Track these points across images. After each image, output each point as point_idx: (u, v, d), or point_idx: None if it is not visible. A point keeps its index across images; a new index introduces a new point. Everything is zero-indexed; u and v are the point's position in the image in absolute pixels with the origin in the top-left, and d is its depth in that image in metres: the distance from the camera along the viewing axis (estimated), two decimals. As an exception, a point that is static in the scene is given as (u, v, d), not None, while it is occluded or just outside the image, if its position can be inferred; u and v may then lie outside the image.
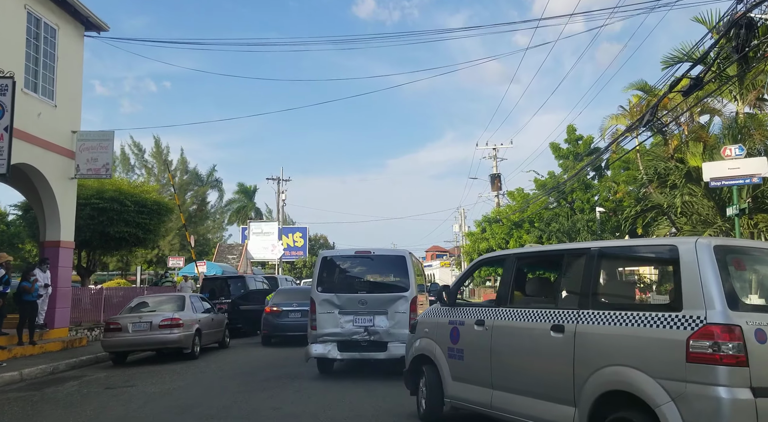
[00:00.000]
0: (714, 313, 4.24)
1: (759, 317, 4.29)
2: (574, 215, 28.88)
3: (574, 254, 5.89)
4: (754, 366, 4.11)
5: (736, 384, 4.08)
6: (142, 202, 21.55)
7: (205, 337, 14.60)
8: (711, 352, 4.15)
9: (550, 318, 5.43)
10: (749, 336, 4.15)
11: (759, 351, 4.15)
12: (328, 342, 10.31)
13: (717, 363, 4.12)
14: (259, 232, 42.35)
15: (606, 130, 19.52)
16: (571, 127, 32.56)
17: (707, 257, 4.47)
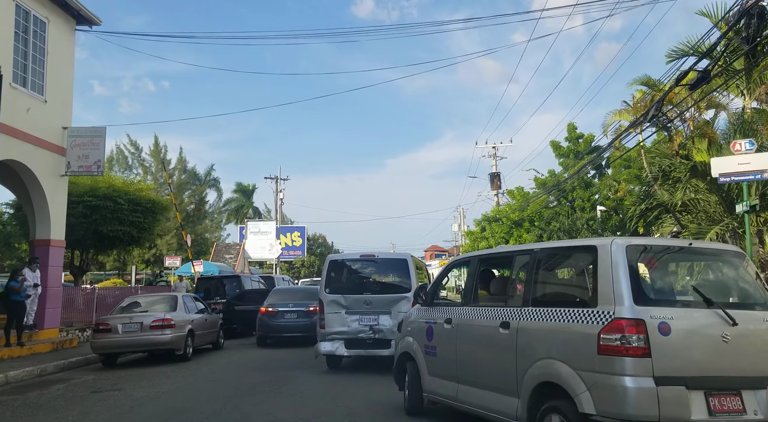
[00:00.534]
0: (622, 309, 4.53)
1: (664, 311, 4.57)
2: (575, 214, 28.48)
3: (521, 255, 6.21)
4: (656, 357, 4.41)
5: (640, 373, 4.38)
6: (136, 200, 21.12)
7: (198, 338, 14.18)
8: (619, 345, 4.45)
9: (500, 316, 5.77)
10: (653, 330, 4.45)
11: (662, 343, 4.45)
12: (335, 340, 10.94)
13: (623, 355, 4.42)
14: (256, 232, 41.92)
15: (609, 126, 19.10)
16: (572, 125, 32.18)
17: (620, 256, 4.74)
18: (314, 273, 48.62)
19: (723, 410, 4.55)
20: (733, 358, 4.70)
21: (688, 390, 4.47)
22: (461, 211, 59.84)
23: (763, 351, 4.85)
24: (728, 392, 4.62)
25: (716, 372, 4.63)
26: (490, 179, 38.98)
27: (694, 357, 4.59)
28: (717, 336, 4.66)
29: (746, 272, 5.34)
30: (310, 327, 15.58)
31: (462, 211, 59.61)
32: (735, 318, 4.71)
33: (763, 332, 4.93)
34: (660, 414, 4.35)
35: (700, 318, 4.74)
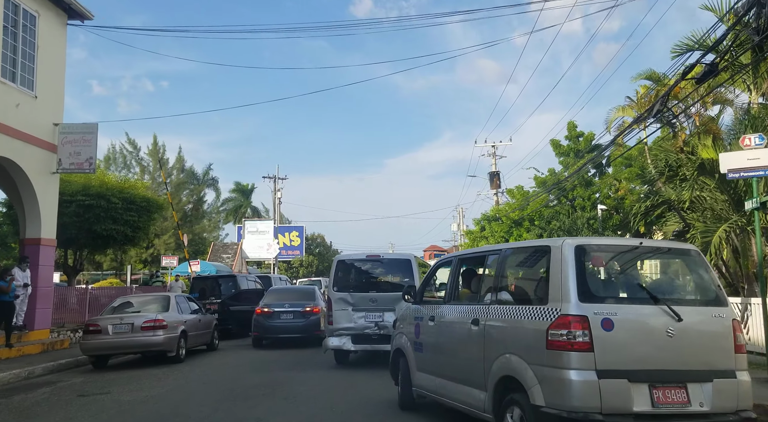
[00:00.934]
0: (568, 305, 4.76)
1: (608, 308, 4.79)
2: (575, 213, 28.09)
3: (492, 254, 6.40)
4: (598, 352, 4.64)
5: (584, 367, 4.61)
6: (130, 198, 20.73)
7: (192, 339, 13.80)
8: (565, 340, 4.68)
9: (472, 313, 6.02)
10: (596, 325, 4.67)
11: (604, 338, 4.67)
12: (343, 336, 11.45)
13: (569, 350, 4.66)
14: (254, 231, 41.52)
15: (612, 123, 18.70)
16: (572, 123, 31.76)
17: (569, 256, 4.97)
18: (312, 273, 48.23)
19: (667, 402, 4.72)
20: (679, 353, 4.85)
21: (631, 383, 4.67)
22: (460, 210, 59.48)
23: (709, 346, 5.01)
24: (673, 385, 4.79)
25: (660, 365, 4.80)
26: (489, 178, 38.62)
27: (637, 352, 4.77)
28: (662, 331, 4.83)
29: (699, 269, 5.48)
30: (307, 328, 15.25)
31: (461, 210, 59.25)
32: (681, 314, 4.88)
33: (710, 327, 5.06)
34: (602, 405, 4.57)
35: (645, 314, 4.93)
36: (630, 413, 4.64)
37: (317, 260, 49.94)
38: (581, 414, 4.58)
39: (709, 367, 4.94)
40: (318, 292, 16.97)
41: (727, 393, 4.91)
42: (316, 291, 16.95)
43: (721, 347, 5.05)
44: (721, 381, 4.91)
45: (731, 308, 5.33)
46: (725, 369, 4.98)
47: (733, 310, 5.36)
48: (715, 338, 5.07)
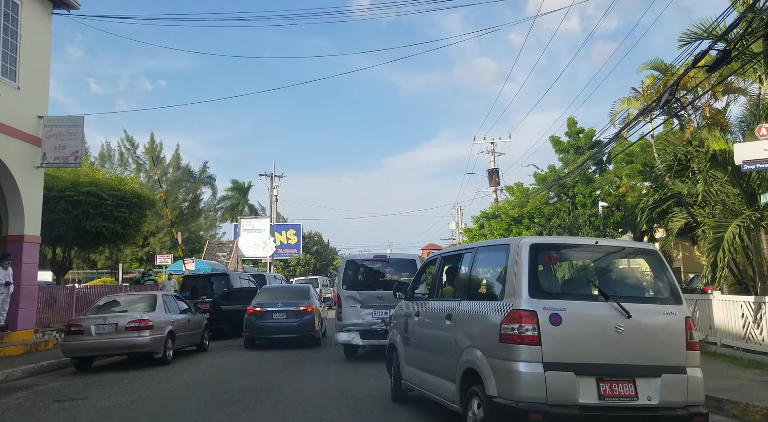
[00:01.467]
0: (519, 301, 4.97)
1: (557, 303, 4.96)
2: (576, 210, 27.49)
3: (467, 253, 6.57)
4: (546, 345, 4.82)
5: (531, 360, 4.80)
6: (121, 194, 20.11)
7: (180, 340, 13.19)
8: (515, 334, 4.88)
9: (447, 309, 6.26)
10: (544, 320, 4.86)
11: (552, 333, 4.85)
12: (351, 331, 12.04)
13: (518, 343, 4.85)
14: (250, 229, 40.85)
15: (617, 115, 18.08)
16: (572, 119, 31.12)
17: (524, 254, 5.16)
18: (309, 272, 47.59)
19: (614, 395, 4.86)
20: (627, 348, 4.99)
21: (578, 376, 4.83)
22: (458, 208, 58.94)
23: (659, 342, 5.13)
24: (621, 379, 4.92)
25: (608, 360, 4.93)
26: (488, 175, 38.03)
27: (584, 346, 4.95)
28: (610, 327, 4.98)
29: (656, 268, 5.57)
30: (301, 328, 14.66)
31: (459, 208, 58.72)
32: (632, 311, 5.03)
33: (661, 324, 5.17)
34: (547, 396, 4.75)
35: (594, 310, 5.11)
36: (575, 404, 4.80)
37: (314, 259, 49.25)
38: (528, 404, 4.77)
39: (659, 363, 5.06)
40: (312, 291, 16.38)
41: (677, 388, 5.02)
42: (311, 289, 16.35)
43: (671, 343, 5.16)
44: (671, 377, 5.02)
45: (686, 306, 5.44)
46: (675, 365, 5.09)
47: (687, 308, 5.48)
48: (665, 335, 5.18)
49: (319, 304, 16.17)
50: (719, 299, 12.10)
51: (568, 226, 26.30)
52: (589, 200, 27.87)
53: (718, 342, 12.10)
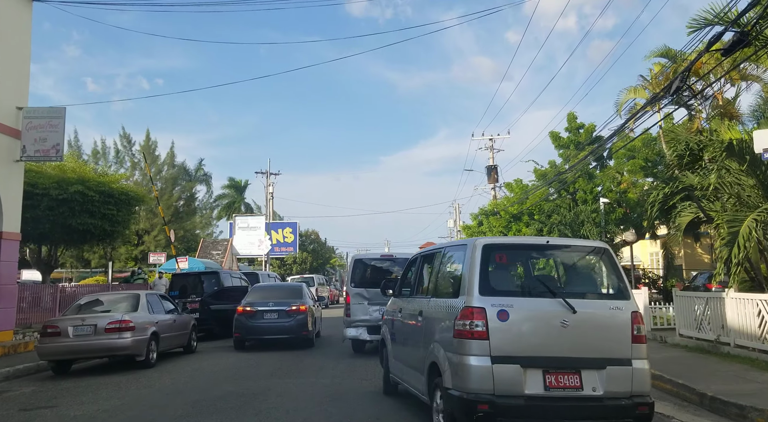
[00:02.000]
0: (470, 298, 5.21)
1: (505, 300, 5.19)
2: (576, 206, 26.80)
3: (438, 252, 6.88)
4: (493, 340, 5.06)
5: (480, 353, 5.03)
6: (108, 191, 19.40)
7: (165, 342, 12.47)
8: (467, 329, 5.11)
9: (420, 306, 6.58)
10: (492, 316, 5.09)
11: (500, 328, 5.09)
12: (359, 327, 12.40)
13: (468, 338, 5.08)
14: (245, 227, 40.10)
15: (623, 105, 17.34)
16: (572, 114, 30.41)
17: (477, 253, 5.38)
18: (306, 270, 46.87)
19: (559, 386, 5.06)
20: (573, 341, 5.18)
21: (524, 368, 5.04)
22: (456, 206, 58.24)
23: (604, 336, 5.32)
24: (567, 371, 5.11)
25: (554, 353, 5.14)
26: (486, 172, 37.35)
27: (531, 340, 5.16)
28: (556, 322, 5.18)
29: (605, 265, 5.77)
30: (293, 329, 13.96)
31: (457, 206, 58.01)
32: (578, 306, 5.24)
33: (607, 319, 5.35)
34: (495, 388, 4.98)
35: (541, 306, 5.29)
36: (521, 395, 5.02)
37: (311, 257, 48.47)
38: (476, 395, 5.01)
39: (604, 355, 5.25)
40: (306, 290, 15.65)
41: (621, 380, 5.20)
42: (304, 288, 15.61)
43: (617, 337, 5.33)
44: (616, 369, 5.21)
45: (633, 301, 5.59)
46: (620, 358, 5.27)
47: (634, 303, 5.61)
48: (610, 329, 5.35)
49: (312, 304, 15.47)
50: (733, 297, 11.43)
51: (569, 223, 25.62)
52: (590, 196, 27.19)
53: (732, 343, 11.43)
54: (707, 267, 32.94)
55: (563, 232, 25.78)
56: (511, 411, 4.98)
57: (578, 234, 25.38)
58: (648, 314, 15.55)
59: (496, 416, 4.97)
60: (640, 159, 26.57)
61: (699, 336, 12.65)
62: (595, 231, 24.92)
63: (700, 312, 12.67)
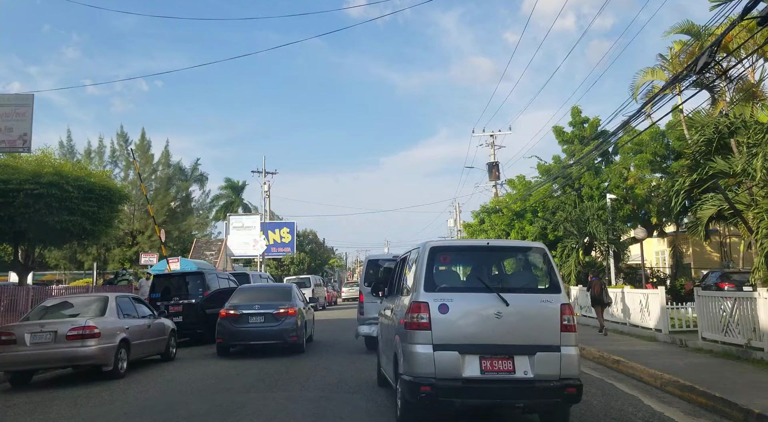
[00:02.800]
0: (417, 295, 6.00)
1: (446, 296, 5.92)
2: (582, 203, 25.55)
3: (408, 255, 7.44)
4: (435, 330, 5.79)
5: (424, 342, 5.77)
6: (88, 186, 18.07)
7: (138, 349, 11.23)
8: (414, 321, 5.86)
9: (393, 304, 7.43)
10: (434, 309, 5.83)
11: (441, 320, 5.82)
12: (372, 325, 12.20)
13: (415, 329, 5.84)
14: (239, 227, 38.81)
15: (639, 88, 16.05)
16: (576, 108, 29.23)
17: (425, 255, 6.18)
18: (304, 271, 45.59)
19: (493, 370, 5.69)
20: (506, 331, 5.78)
21: (462, 355, 5.70)
22: (457, 205, 57.01)
23: (535, 326, 5.86)
24: (501, 356, 5.72)
25: (489, 341, 5.76)
26: (488, 169, 36.11)
27: (468, 330, 5.82)
28: (491, 313, 5.80)
29: (539, 263, 6.32)
30: (280, 334, 12.73)
31: (458, 205, 56.79)
32: (511, 300, 5.84)
33: (537, 311, 5.89)
34: (436, 372, 5.67)
35: (478, 300, 5.93)
36: (459, 378, 5.60)
37: (309, 257, 47.13)
38: (420, 378, 5.63)
39: (534, 342, 5.75)
40: (296, 291, 14.39)
41: (550, 364, 5.69)
42: (294, 289, 14.35)
43: (546, 327, 5.82)
44: (545, 354, 5.71)
45: (563, 295, 6.07)
46: (550, 345, 5.76)
47: (564, 296, 6.07)
48: (541, 319, 5.85)
49: (303, 306, 14.23)
50: (767, 297, 10.20)
51: (575, 220, 24.35)
52: (596, 192, 25.94)
53: (766, 348, 10.19)
54: (717, 265, 31.72)
55: (569, 230, 24.53)
56: (450, 392, 5.61)
57: (584, 231, 24.14)
58: (665, 315, 14.32)
59: (436, 396, 5.60)
60: (648, 153, 25.32)
61: (726, 340, 11.41)
62: (602, 229, 23.67)
63: (727, 313, 11.43)
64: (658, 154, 25.50)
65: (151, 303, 15.92)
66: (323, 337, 16.78)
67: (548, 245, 26.58)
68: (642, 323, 15.48)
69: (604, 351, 12.30)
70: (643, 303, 15.46)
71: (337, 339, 16.33)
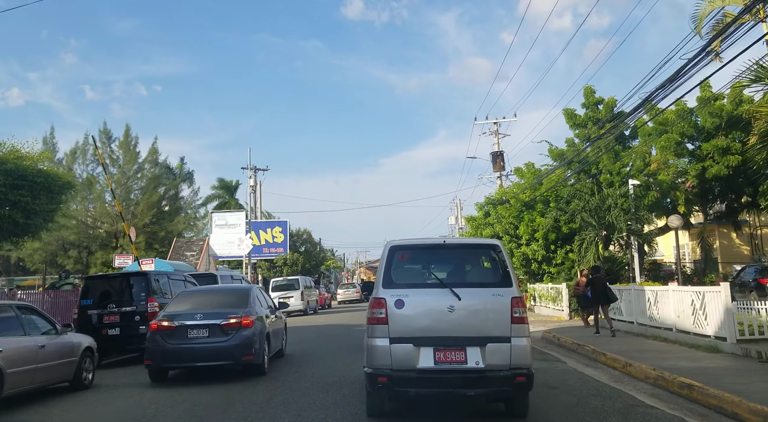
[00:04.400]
0: (377, 291, 6.25)
1: (402, 291, 6.17)
2: (601, 191, 22.17)
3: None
4: (391, 324, 6.05)
5: (382, 336, 6.04)
6: (18, 171, 14.79)
7: (21, 377, 7.89)
8: (373, 316, 6.12)
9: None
10: (390, 305, 6.10)
11: (396, 314, 6.07)
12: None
13: (374, 324, 6.11)
14: (222, 224, 35.37)
15: (703, 19, 12.63)
16: (589, 88, 25.85)
17: (385, 253, 6.49)
18: (298, 273, 42.22)
19: (446, 361, 5.93)
20: (458, 323, 6.03)
21: (417, 347, 5.95)
22: (458, 202, 53.70)
23: (486, 318, 6.10)
24: (453, 348, 5.96)
25: (443, 333, 6.01)
26: (491, 159, 32.72)
27: (422, 323, 6.06)
28: (444, 307, 6.03)
29: (493, 259, 6.62)
30: (230, 352, 9.46)
31: (459, 202, 53.48)
32: (463, 294, 6.07)
33: (488, 304, 6.14)
34: (392, 363, 5.94)
35: (432, 295, 6.20)
36: (414, 369, 5.94)
37: (303, 258, 43.65)
38: (377, 370, 6.00)
39: (485, 334, 6.00)
40: (255, 293, 10.94)
41: (501, 355, 5.94)
42: (253, 292, 10.87)
43: (497, 319, 6.07)
44: (496, 345, 5.97)
45: (515, 289, 6.25)
46: (500, 336, 6.00)
47: (515, 290, 6.24)
48: (492, 312, 6.10)
49: (267, 313, 10.87)
50: None
51: (594, 209, 20.95)
52: (617, 178, 22.56)
53: None
54: (746, 259, 28.37)
55: (587, 220, 21.15)
56: (404, 382, 5.93)
57: (603, 221, 20.80)
58: (730, 319, 10.95)
59: (392, 386, 5.96)
60: (675, 133, 21.91)
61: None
62: (623, 219, 20.31)
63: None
64: (687, 134, 22.10)
65: (82, 311, 12.61)
66: (300, 350, 13.48)
67: (562, 238, 22.82)
68: (696, 329, 12.10)
69: (663, 370, 8.95)
70: (696, 303, 12.10)
71: (315, 353, 13.03)
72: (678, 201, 22.50)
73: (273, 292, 27.67)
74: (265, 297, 11.73)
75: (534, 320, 22.07)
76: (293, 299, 27.12)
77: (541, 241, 24.30)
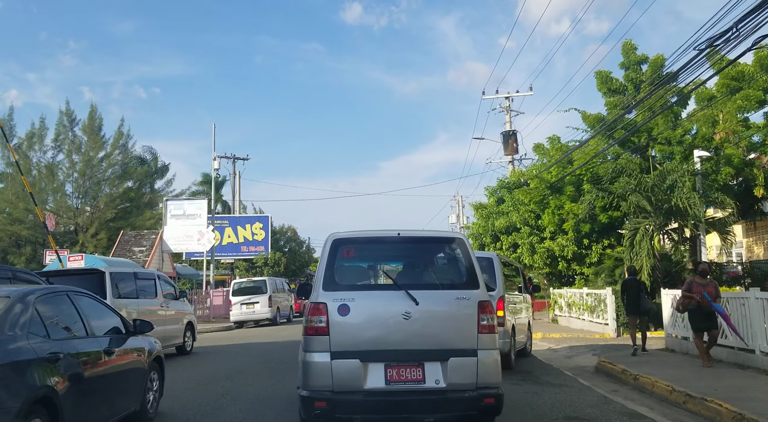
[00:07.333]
0: (316, 295, 4.85)
1: (347, 294, 4.80)
2: (656, 169, 16.18)
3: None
4: (333, 335, 4.71)
5: (320, 350, 4.70)
6: None
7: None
8: (311, 326, 4.77)
9: None
10: (333, 311, 4.74)
11: (340, 322, 4.72)
12: None
13: (312, 334, 4.75)
14: (179, 215, 29.08)
15: None
16: (630, 43, 19.81)
17: (327, 248, 5.06)
18: (281, 274, 36.21)
19: (400, 380, 4.66)
20: (415, 334, 4.75)
21: (364, 363, 4.65)
22: (459, 199, 47.71)
23: (448, 327, 4.85)
24: (409, 364, 4.70)
25: (396, 346, 4.72)
26: (502, 140, 26.66)
27: (372, 334, 4.75)
28: (398, 314, 4.74)
29: (457, 255, 5.32)
30: None
31: (460, 199, 47.49)
32: (422, 297, 4.78)
33: (451, 309, 4.86)
34: (333, 383, 4.62)
35: (383, 299, 4.92)
36: (361, 390, 4.62)
37: (286, 258, 37.62)
38: (314, 392, 4.64)
39: (447, 346, 4.78)
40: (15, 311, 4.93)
41: (466, 371, 4.73)
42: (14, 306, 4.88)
43: (461, 328, 4.85)
44: (459, 360, 4.74)
45: (482, 291, 4.98)
46: (465, 348, 4.79)
47: (483, 293, 4.98)
48: (455, 319, 4.88)
49: (107, 346, 4.85)
50: None
51: (651, 189, 14.91)
52: (678, 148, 16.53)
53: None
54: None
55: (641, 206, 15.16)
56: (349, 406, 4.62)
57: (661, 209, 14.84)
58: None
59: (333, 413, 4.63)
60: (757, 89, 15.93)
61: None
62: (699, 202, 14.27)
63: None
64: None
65: None
66: (198, 399, 7.36)
67: (601, 229, 13.18)
68: None
69: None
70: None
71: (221, 407, 6.93)
72: (756, 180, 16.51)
73: (234, 296, 21.73)
74: (82, 314, 5.62)
75: (565, 336, 16.02)
76: (258, 305, 21.18)
77: (570, 234, 18.27)
